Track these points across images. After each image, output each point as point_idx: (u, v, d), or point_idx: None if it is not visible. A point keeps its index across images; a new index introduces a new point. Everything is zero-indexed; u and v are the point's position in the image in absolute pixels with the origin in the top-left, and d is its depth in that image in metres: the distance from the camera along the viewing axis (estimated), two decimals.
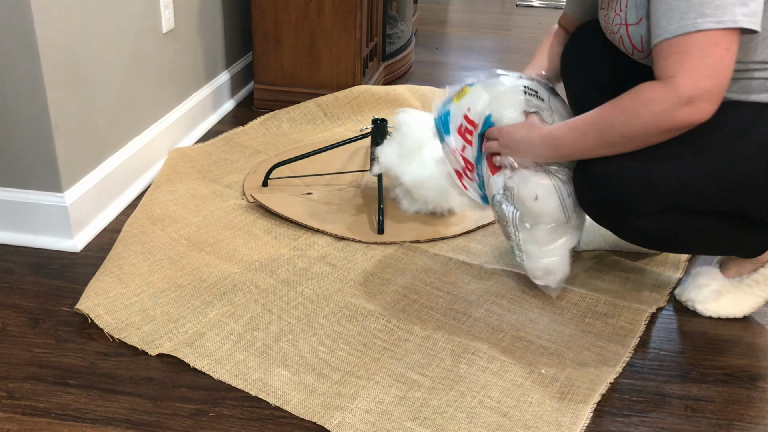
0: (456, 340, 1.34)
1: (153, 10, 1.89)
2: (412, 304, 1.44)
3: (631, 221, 1.25)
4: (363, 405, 1.18)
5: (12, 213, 1.58)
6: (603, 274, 1.57)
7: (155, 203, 1.73)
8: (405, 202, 1.78)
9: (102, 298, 1.38)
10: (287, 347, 1.31)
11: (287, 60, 2.42)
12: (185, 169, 1.93)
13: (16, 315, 1.38)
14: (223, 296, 1.43)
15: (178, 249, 1.58)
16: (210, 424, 1.15)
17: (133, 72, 1.83)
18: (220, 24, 2.35)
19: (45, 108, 1.48)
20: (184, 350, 1.28)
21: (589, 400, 1.21)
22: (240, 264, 1.54)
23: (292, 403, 1.18)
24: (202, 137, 2.22)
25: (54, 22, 1.47)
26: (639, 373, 1.30)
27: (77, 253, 1.59)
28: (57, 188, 1.57)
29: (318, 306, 1.42)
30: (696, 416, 1.21)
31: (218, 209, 1.75)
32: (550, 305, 1.45)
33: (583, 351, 1.33)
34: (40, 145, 1.52)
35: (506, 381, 1.25)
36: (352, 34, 2.36)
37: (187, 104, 2.15)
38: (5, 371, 1.24)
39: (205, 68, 2.27)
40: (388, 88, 2.44)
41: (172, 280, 1.47)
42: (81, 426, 1.13)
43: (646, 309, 1.44)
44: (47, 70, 1.47)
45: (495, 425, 1.15)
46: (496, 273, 1.55)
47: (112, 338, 1.31)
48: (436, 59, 3.20)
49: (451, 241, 1.68)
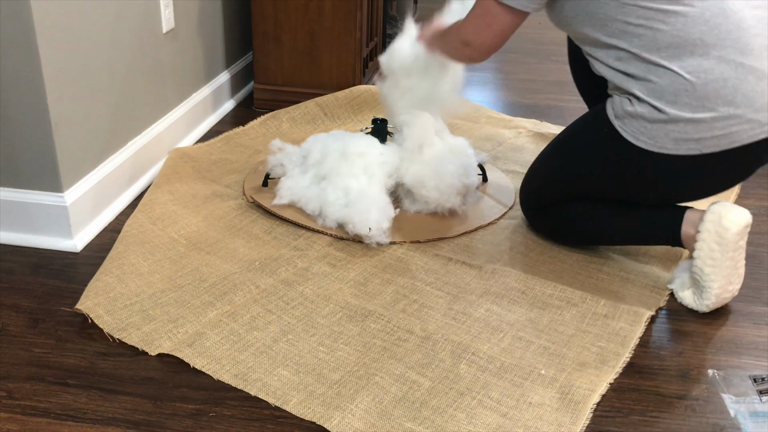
0: (456, 340, 1.34)
1: (153, 10, 1.89)
2: (412, 304, 1.44)
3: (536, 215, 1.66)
4: (363, 405, 1.18)
5: (12, 213, 1.58)
6: (603, 275, 1.57)
7: (155, 203, 1.73)
8: (406, 202, 1.78)
9: (102, 298, 1.38)
10: (287, 347, 1.31)
11: (287, 60, 2.42)
12: (185, 169, 1.93)
13: (16, 315, 1.38)
14: (223, 296, 1.43)
15: (178, 249, 1.58)
16: (210, 424, 1.15)
17: (133, 72, 1.83)
18: (220, 24, 2.35)
19: (45, 108, 1.48)
20: (184, 350, 1.28)
21: (589, 400, 1.21)
22: (240, 264, 1.54)
23: (292, 403, 1.18)
24: (202, 137, 2.22)
25: (54, 22, 1.47)
26: (639, 373, 1.30)
27: (77, 253, 1.59)
28: (57, 188, 1.57)
29: (318, 306, 1.42)
30: (696, 416, 1.20)
31: (218, 209, 1.75)
32: (550, 305, 1.45)
33: (583, 351, 1.33)
34: (40, 145, 1.52)
35: (506, 381, 1.24)
36: (352, 34, 2.36)
37: (187, 104, 2.15)
38: (5, 371, 1.24)
39: (205, 68, 2.27)
40: None
41: (172, 280, 1.47)
42: (81, 426, 1.13)
43: (646, 311, 1.44)
44: (47, 70, 1.47)
45: (495, 425, 1.15)
46: (496, 273, 1.55)
47: (112, 338, 1.31)
48: None
49: (451, 241, 1.68)
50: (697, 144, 1.36)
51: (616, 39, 1.40)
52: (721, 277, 1.40)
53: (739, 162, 1.40)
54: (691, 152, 1.37)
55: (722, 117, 1.34)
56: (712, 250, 1.39)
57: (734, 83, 1.33)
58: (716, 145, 1.36)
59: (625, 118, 1.41)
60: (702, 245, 1.40)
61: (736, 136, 1.35)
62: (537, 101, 2.67)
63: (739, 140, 1.35)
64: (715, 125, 1.34)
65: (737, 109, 1.34)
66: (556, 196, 1.60)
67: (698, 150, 1.36)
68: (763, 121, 1.35)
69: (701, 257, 1.41)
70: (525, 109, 2.57)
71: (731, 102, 1.33)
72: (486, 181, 1.94)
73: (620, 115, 1.42)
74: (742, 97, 1.33)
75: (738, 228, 1.38)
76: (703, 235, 1.40)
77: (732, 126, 1.34)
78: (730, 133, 1.35)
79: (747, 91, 1.34)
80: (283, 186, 1.76)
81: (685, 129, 1.36)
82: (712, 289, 1.41)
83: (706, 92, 1.34)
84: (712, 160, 1.38)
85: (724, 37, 1.33)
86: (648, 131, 1.39)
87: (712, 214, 1.40)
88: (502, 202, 1.85)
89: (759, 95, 1.34)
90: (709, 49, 1.34)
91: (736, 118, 1.34)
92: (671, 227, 1.48)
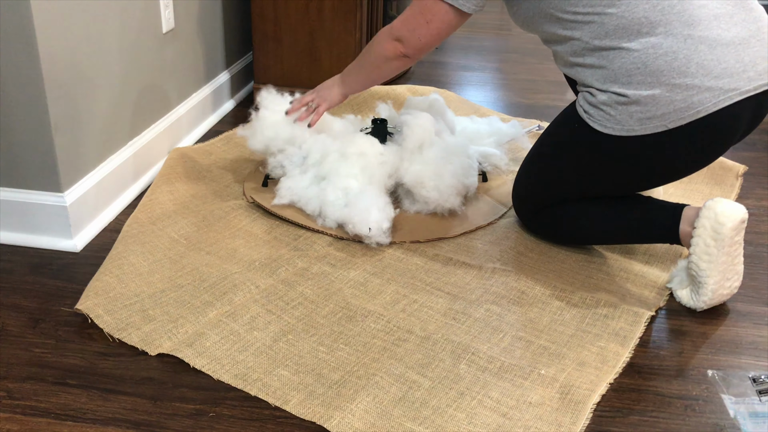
0: (456, 340, 1.34)
1: (153, 10, 1.89)
2: (412, 304, 1.44)
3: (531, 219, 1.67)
4: (362, 405, 1.18)
5: (12, 213, 1.59)
6: (603, 275, 1.57)
7: (155, 203, 1.73)
8: (405, 202, 1.78)
9: (102, 298, 1.38)
10: (287, 347, 1.31)
11: (287, 60, 2.42)
12: (185, 169, 1.93)
13: (16, 315, 1.38)
14: (223, 296, 1.43)
15: (178, 249, 1.58)
16: (210, 424, 1.15)
17: (133, 72, 1.83)
18: (220, 24, 2.35)
19: (45, 108, 1.48)
20: (184, 350, 1.28)
21: (589, 400, 1.21)
22: (240, 264, 1.54)
23: (292, 403, 1.18)
24: (202, 137, 2.22)
25: (54, 22, 1.47)
26: (639, 373, 1.30)
27: (77, 253, 1.59)
28: (57, 188, 1.57)
29: (318, 306, 1.42)
30: (696, 416, 1.21)
31: (218, 209, 1.75)
32: (550, 305, 1.45)
33: (583, 351, 1.33)
34: (40, 145, 1.52)
35: (506, 381, 1.25)
36: (352, 34, 2.36)
37: (187, 104, 2.15)
38: (5, 371, 1.24)
39: (205, 68, 2.27)
40: (388, 88, 2.44)
41: (172, 280, 1.47)
42: (81, 426, 1.13)
43: (646, 312, 1.44)
44: (47, 70, 1.47)
45: (495, 425, 1.15)
46: (496, 273, 1.55)
47: (112, 338, 1.31)
48: (436, 59, 3.20)
49: (451, 241, 1.68)
50: (662, 120, 1.36)
51: (570, 31, 1.43)
52: (717, 272, 1.40)
53: (711, 133, 1.39)
54: (657, 129, 1.37)
55: (680, 88, 1.34)
56: (707, 245, 1.40)
57: (686, 53, 1.34)
58: (681, 118, 1.35)
59: (591, 110, 1.44)
60: (698, 241, 1.41)
61: (699, 106, 1.34)
62: (537, 101, 2.67)
63: (704, 110, 1.35)
64: (675, 98, 1.34)
65: (694, 79, 1.34)
66: (545, 199, 1.61)
67: (664, 126, 1.36)
68: (725, 88, 1.34)
69: (697, 253, 1.41)
70: (525, 109, 2.57)
71: (685, 73, 1.34)
72: (486, 181, 1.94)
73: (586, 108, 1.45)
74: (697, 67, 1.34)
75: (733, 223, 1.38)
76: (698, 231, 1.41)
77: (692, 96, 1.34)
78: (692, 104, 1.34)
79: (701, 61, 1.34)
80: (283, 186, 1.76)
81: (646, 107, 1.36)
82: (708, 285, 1.41)
83: (658, 66, 1.35)
84: (683, 134, 1.37)
85: (668, 11, 1.35)
86: (613, 117, 1.40)
87: (707, 210, 1.40)
88: (502, 202, 1.85)
89: (716, 62, 1.34)
90: (655, 26, 1.35)
91: (694, 88, 1.34)
92: (669, 225, 1.49)
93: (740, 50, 1.36)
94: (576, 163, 1.51)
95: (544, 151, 1.60)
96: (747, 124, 1.42)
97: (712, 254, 1.40)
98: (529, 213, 1.67)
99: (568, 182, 1.55)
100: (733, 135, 1.42)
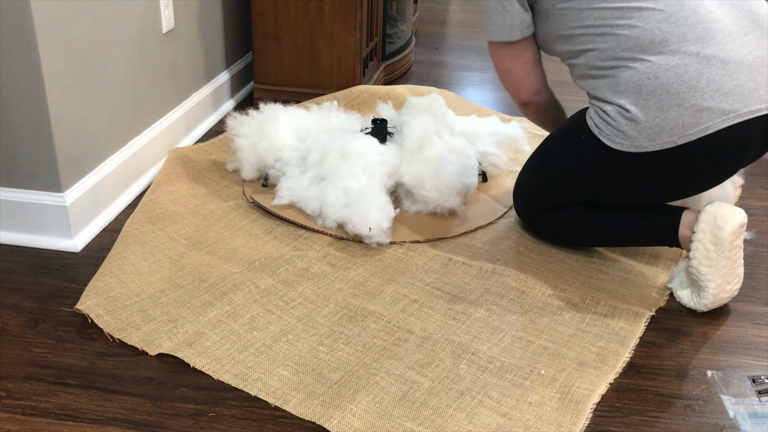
0: (456, 340, 1.34)
1: (153, 10, 1.89)
2: (412, 304, 1.44)
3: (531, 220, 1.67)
4: (363, 405, 1.18)
5: (12, 213, 1.58)
6: (603, 275, 1.57)
7: (155, 203, 1.73)
8: (405, 202, 1.78)
9: (102, 298, 1.38)
10: (287, 347, 1.31)
11: (287, 60, 2.42)
12: (185, 169, 1.93)
13: (16, 315, 1.38)
14: (223, 296, 1.43)
15: (178, 249, 1.58)
16: (210, 424, 1.15)
17: (133, 72, 1.83)
18: (220, 24, 2.35)
19: (45, 108, 1.48)
20: (184, 350, 1.28)
21: (589, 400, 1.21)
22: (240, 264, 1.54)
23: (292, 403, 1.18)
24: (202, 137, 2.22)
25: (54, 22, 1.47)
26: (639, 373, 1.30)
27: (77, 253, 1.59)
28: (57, 188, 1.57)
29: (318, 306, 1.42)
30: (696, 416, 1.21)
31: (218, 209, 1.75)
32: (550, 305, 1.45)
33: (583, 351, 1.33)
34: (40, 145, 1.52)
35: (506, 381, 1.25)
36: (352, 34, 2.36)
37: (187, 104, 2.15)
38: (5, 371, 1.24)
39: (205, 68, 2.27)
40: (388, 88, 2.44)
41: (172, 280, 1.47)
42: (81, 426, 1.13)
43: (646, 311, 1.44)
44: (47, 70, 1.47)
45: (495, 425, 1.15)
46: (496, 273, 1.55)
47: (112, 338, 1.31)
48: (436, 59, 3.20)
49: (451, 241, 1.68)
50: (671, 136, 1.35)
51: (582, 44, 1.44)
52: (717, 276, 1.40)
53: (722, 150, 1.37)
54: (667, 146, 1.36)
55: (689, 104, 1.33)
56: (707, 250, 1.39)
57: (697, 68, 1.33)
58: (691, 135, 1.34)
59: (601, 124, 1.43)
60: (697, 245, 1.40)
61: (708, 122, 1.33)
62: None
63: (713, 126, 1.33)
64: (684, 113, 1.33)
65: (704, 95, 1.33)
66: (545, 202, 1.62)
67: (673, 142, 1.35)
68: (735, 105, 1.32)
69: (697, 257, 1.41)
70: None
71: (696, 87, 1.33)
72: (486, 181, 1.94)
73: (597, 122, 1.44)
74: (708, 82, 1.33)
75: (733, 227, 1.37)
76: (698, 236, 1.40)
77: (701, 113, 1.33)
78: (701, 120, 1.33)
79: (712, 76, 1.33)
80: (283, 186, 1.76)
81: (656, 122, 1.35)
82: (710, 288, 1.41)
83: (668, 79, 1.34)
84: (693, 150, 1.35)
85: (682, 23, 1.34)
86: (623, 133, 1.39)
87: (706, 214, 1.40)
88: (502, 202, 1.85)
89: (727, 79, 1.33)
90: (668, 38, 1.35)
91: (704, 104, 1.33)
92: (668, 229, 1.48)
93: (753, 69, 1.34)
94: (581, 173, 1.51)
95: (549, 157, 1.60)
96: (759, 144, 1.39)
97: (713, 258, 1.39)
98: (529, 215, 1.67)
99: (571, 190, 1.55)
100: (743, 154, 1.39)
